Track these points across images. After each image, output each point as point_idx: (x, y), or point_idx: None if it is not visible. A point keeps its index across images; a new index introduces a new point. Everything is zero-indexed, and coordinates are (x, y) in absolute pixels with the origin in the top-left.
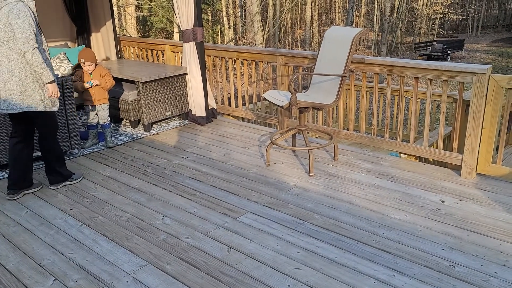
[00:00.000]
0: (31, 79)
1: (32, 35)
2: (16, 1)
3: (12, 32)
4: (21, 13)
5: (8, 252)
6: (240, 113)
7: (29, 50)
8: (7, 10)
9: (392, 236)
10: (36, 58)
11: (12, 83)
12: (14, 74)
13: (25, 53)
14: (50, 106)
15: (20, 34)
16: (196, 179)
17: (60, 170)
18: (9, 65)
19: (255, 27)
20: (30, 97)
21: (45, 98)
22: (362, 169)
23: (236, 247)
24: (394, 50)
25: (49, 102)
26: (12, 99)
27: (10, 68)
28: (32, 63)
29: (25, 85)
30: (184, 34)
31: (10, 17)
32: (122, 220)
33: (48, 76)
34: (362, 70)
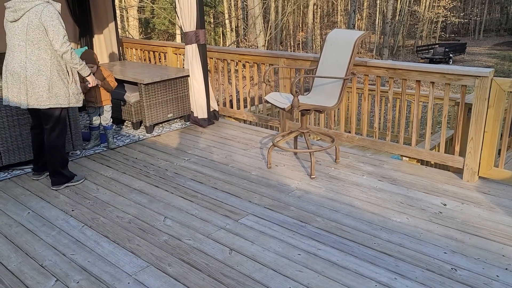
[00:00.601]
0: (57, 77)
1: (67, 36)
2: (45, 3)
3: (43, 33)
4: (54, 15)
5: (10, 252)
6: (242, 115)
7: (68, 50)
8: (39, 11)
9: (393, 239)
10: (74, 57)
11: (40, 81)
12: (42, 73)
13: (64, 53)
14: (74, 102)
15: (57, 35)
16: (198, 181)
17: (63, 171)
18: (37, 63)
19: (257, 29)
20: (56, 94)
21: (70, 95)
22: (363, 172)
23: (238, 249)
24: (396, 53)
25: (74, 98)
26: (39, 96)
27: (39, 67)
28: (72, 62)
29: (52, 83)
30: (187, 36)
31: (44, 19)
32: (123, 221)
33: (86, 70)
34: (364, 73)
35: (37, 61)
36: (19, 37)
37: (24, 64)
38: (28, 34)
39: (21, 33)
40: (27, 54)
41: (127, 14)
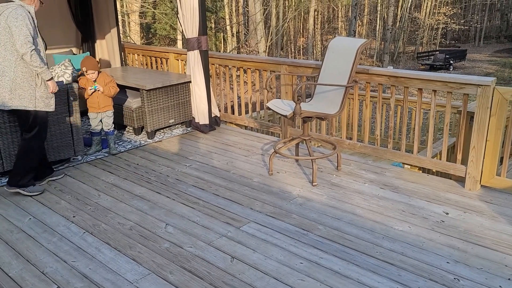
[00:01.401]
0: (21, 79)
1: (29, 37)
2: (16, 6)
3: (9, 35)
4: (19, 16)
5: (11, 259)
6: (243, 121)
7: (27, 51)
8: (6, 14)
9: (395, 248)
10: (34, 59)
11: (4, 82)
12: (6, 74)
13: (23, 54)
14: (42, 106)
15: (18, 36)
16: (199, 187)
17: (23, 175)
18: (2, 64)
19: (258, 35)
20: (20, 96)
21: (36, 98)
22: (365, 180)
23: (239, 257)
24: (397, 59)
25: (41, 102)
26: (3, 97)
27: (3, 68)
28: (32, 64)
29: (15, 85)
30: (189, 42)
31: (9, 21)
32: (125, 228)
33: (47, 74)
34: (366, 80)
35: (3, 62)
36: None
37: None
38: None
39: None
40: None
41: (129, 19)
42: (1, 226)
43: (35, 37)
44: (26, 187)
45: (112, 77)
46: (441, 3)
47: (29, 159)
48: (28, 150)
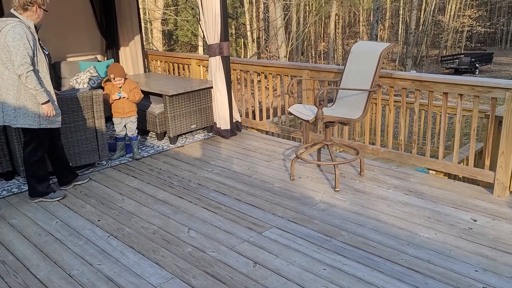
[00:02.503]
0: (24, 97)
1: (27, 57)
2: (15, 23)
3: (9, 53)
4: (17, 35)
5: (39, 261)
6: (264, 127)
7: (23, 73)
8: (5, 32)
9: (421, 255)
10: (30, 81)
11: (8, 100)
12: (10, 92)
13: (19, 76)
14: (46, 124)
15: (15, 57)
16: (221, 192)
17: (35, 185)
18: (6, 83)
19: (279, 40)
20: (24, 114)
21: (40, 117)
22: (389, 185)
23: (262, 262)
24: (420, 63)
25: (45, 120)
26: (8, 115)
27: (7, 86)
28: (27, 85)
29: (19, 103)
30: (211, 48)
31: (7, 40)
32: (148, 232)
33: (42, 97)
34: (389, 85)
35: (7, 80)
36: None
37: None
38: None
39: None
40: (0, 73)
41: (151, 27)
42: (30, 229)
43: (35, 54)
44: (47, 195)
45: (137, 84)
46: (466, 5)
47: (36, 169)
48: (32, 163)
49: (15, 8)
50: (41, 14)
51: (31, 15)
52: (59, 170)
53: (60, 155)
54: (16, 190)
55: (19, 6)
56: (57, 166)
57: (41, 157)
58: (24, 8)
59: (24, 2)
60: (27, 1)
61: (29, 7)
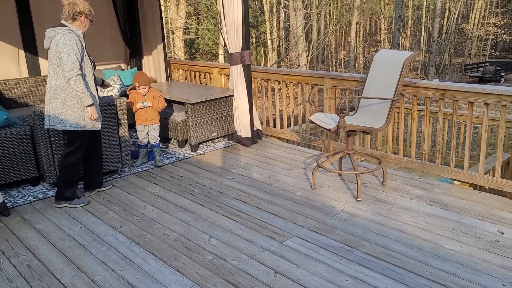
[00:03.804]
0: (71, 101)
1: (76, 62)
2: (66, 31)
3: (60, 59)
4: (67, 42)
5: (64, 266)
6: (285, 135)
7: (72, 76)
8: (57, 39)
9: (447, 268)
10: (78, 84)
11: (56, 104)
12: (58, 96)
13: (69, 79)
14: (89, 126)
15: (66, 62)
16: (242, 200)
17: (62, 189)
18: (55, 87)
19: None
20: (70, 117)
21: (85, 119)
22: (412, 196)
23: (283, 272)
24: (442, 71)
25: (89, 122)
26: (55, 118)
27: (56, 90)
28: (75, 88)
29: (66, 106)
30: (232, 57)
31: (59, 47)
32: (170, 239)
33: (87, 100)
34: (412, 94)
35: (55, 85)
36: (49, 63)
37: (48, 88)
38: (50, 60)
39: (49, 60)
40: (49, 79)
41: (173, 36)
42: (54, 234)
43: (83, 60)
44: (72, 200)
45: (160, 92)
46: (491, 13)
47: (69, 173)
48: (68, 165)
49: (64, 19)
50: (87, 24)
51: (79, 24)
52: (90, 175)
53: (96, 162)
54: (41, 195)
55: (69, 17)
56: (90, 172)
57: (77, 160)
58: (73, 18)
59: (74, 13)
60: (76, 11)
61: (77, 17)
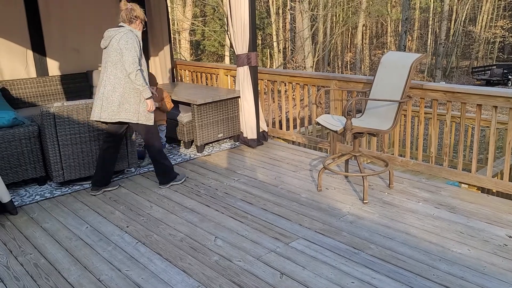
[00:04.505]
0: (129, 94)
1: (136, 58)
2: (127, 30)
3: (120, 56)
4: (129, 40)
5: (70, 265)
6: (291, 137)
7: (133, 71)
8: (118, 37)
9: (454, 271)
10: (138, 78)
11: (114, 97)
12: (116, 89)
13: (130, 73)
14: (143, 120)
15: (127, 57)
16: (247, 201)
17: (165, 174)
18: (113, 82)
19: (306, 51)
20: (126, 110)
21: (140, 112)
22: (419, 198)
23: (289, 273)
24: (449, 74)
25: (143, 116)
26: (111, 111)
27: (114, 84)
28: (135, 82)
29: (123, 100)
30: (239, 58)
31: (121, 43)
32: (176, 239)
33: (147, 93)
34: (420, 96)
35: (114, 79)
36: (105, 59)
37: (104, 82)
38: (109, 56)
39: (107, 56)
40: (107, 74)
41: (179, 37)
42: (61, 234)
43: (140, 58)
44: (175, 178)
45: (168, 93)
46: (498, 16)
47: (161, 164)
48: (154, 159)
49: (122, 21)
50: (141, 28)
51: (135, 27)
52: (104, 172)
53: (114, 161)
54: (48, 195)
55: (126, 20)
56: (106, 168)
57: (159, 145)
58: (130, 21)
59: (131, 17)
60: (133, 15)
61: (134, 21)
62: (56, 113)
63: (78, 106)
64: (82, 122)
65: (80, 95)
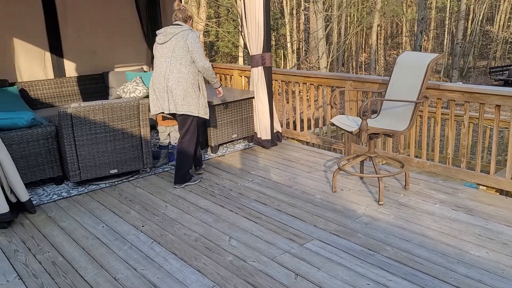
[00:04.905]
0: (191, 89)
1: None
2: (190, 29)
3: (186, 52)
4: (196, 38)
5: (87, 264)
6: (305, 137)
7: (206, 64)
8: (185, 35)
9: (472, 274)
10: (211, 71)
11: (178, 90)
12: (180, 83)
13: (203, 66)
14: (202, 114)
15: (198, 54)
16: (262, 202)
17: (185, 175)
18: (177, 76)
19: (320, 51)
20: (189, 103)
21: (199, 106)
22: (436, 200)
23: (303, 274)
24: (466, 74)
25: (202, 110)
26: (176, 103)
27: (178, 78)
28: (209, 75)
29: (187, 93)
30: (253, 59)
31: (189, 42)
32: (190, 239)
33: (217, 83)
34: (436, 97)
35: (177, 73)
36: (166, 54)
37: (167, 76)
38: (174, 51)
39: (168, 52)
40: (170, 68)
41: None
42: (78, 232)
43: None
44: (190, 179)
45: None
46: None
47: (187, 159)
48: (184, 153)
49: (178, 20)
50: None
51: (189, 26)
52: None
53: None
54: (65, 194)
55: (181, 19)
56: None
57: (193, 148)
58: (185, 21)
59: (185, 16)
60: (187, 15)
61: (188, 20)
62: (73, 113)
63: (94, 107)
64: (98, 122)
65: (96, 96)
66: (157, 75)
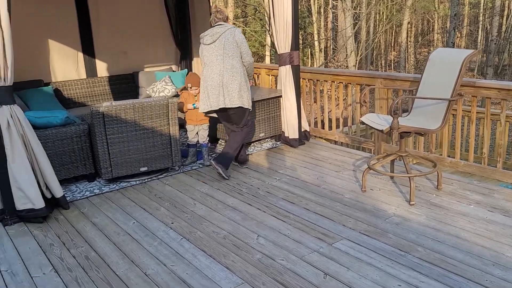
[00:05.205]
0: (244, 83)
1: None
2: (233, 27)
3: (236, 48)
4: (241, 34)
5: (119, 259)
6: (334, 136)
7: (252, 60)
8: (233, 31)
9: (509, 277)
10: (253, 67)
11: (233, 85)
12: (235, 78)
13: (251, 63)
14: (250, 106)
15: (248, 50)
16: (289, 201)
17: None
18: (231, 71)
19: (348, 50)
20: (242, 97)
21: (249, 99)
22: (470, 201)
23: (333, 274)
24: (501, 72)
25: (250, 103)
26: (232, 97)
27: (232, 74)
28: (251, 70)
29: (241, 87)
30: (281, 57)
31: (237, 38)
32: (219, 236)
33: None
34: (471, 94)
35: (231, 69)
36: (217, 53)
37: (222, 72)
38: (225, 49)
39: (218, 50)
40: (224, 65)
41: None
42: (109, 228)
43: None
44: (226, 171)
45: None
46: None
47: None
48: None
49: (220, 20)
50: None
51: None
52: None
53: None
54: (97, 191)
55: (222, 19)
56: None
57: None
58: (224, 21)
59: (225, 17)
60: (226, 16)
61: (226, 21)
62: (105, 112)
63: (126, 106)
64: (129, 121)
65: (126, 95)
66: (209, 73)
